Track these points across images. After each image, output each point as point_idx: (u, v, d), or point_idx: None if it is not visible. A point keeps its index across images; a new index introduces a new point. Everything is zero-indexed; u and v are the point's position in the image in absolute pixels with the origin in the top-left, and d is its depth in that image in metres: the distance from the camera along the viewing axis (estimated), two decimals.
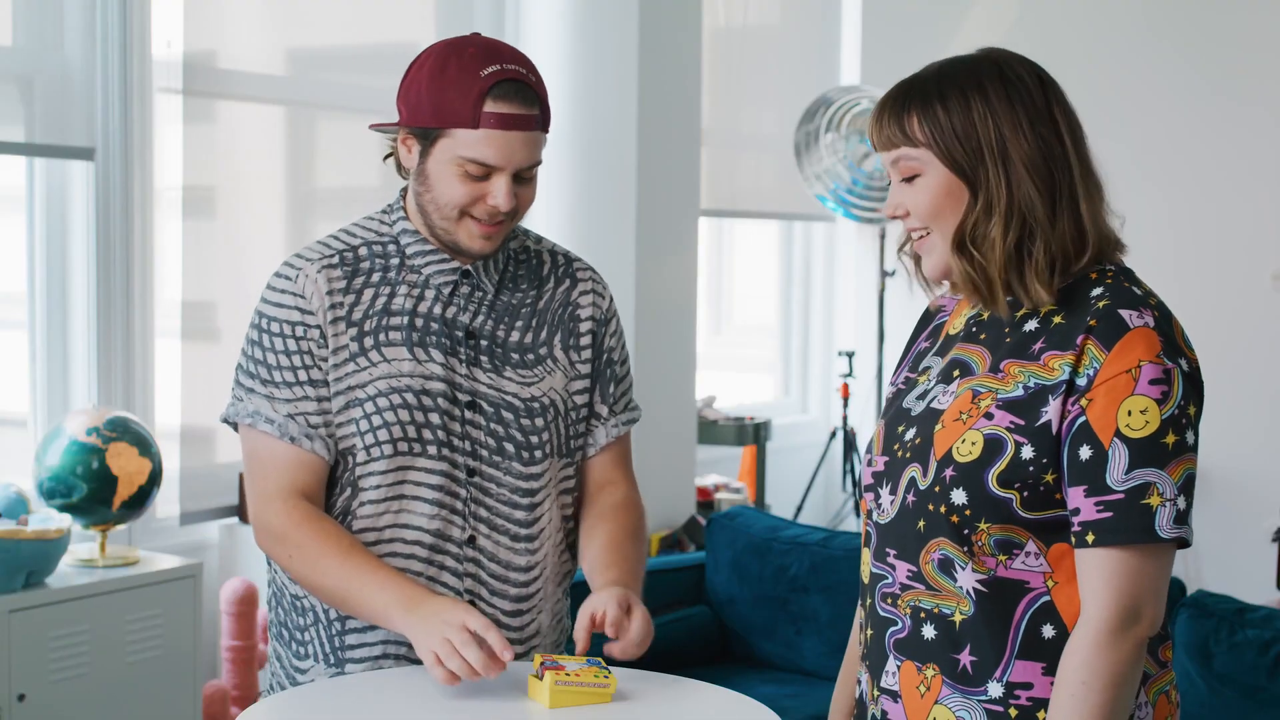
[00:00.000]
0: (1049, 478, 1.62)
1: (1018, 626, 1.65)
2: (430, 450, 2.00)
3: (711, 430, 5.15)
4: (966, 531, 1.64)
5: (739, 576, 4.02)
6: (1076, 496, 1.61)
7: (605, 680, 1.84)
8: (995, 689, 1.66)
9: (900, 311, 1.58)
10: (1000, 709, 1.66)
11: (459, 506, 2.02)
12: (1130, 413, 1.59)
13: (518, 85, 1.96)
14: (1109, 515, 1.59)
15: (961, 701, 1.68)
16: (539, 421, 2.06)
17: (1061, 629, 1.64)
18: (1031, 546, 1.64)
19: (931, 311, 1.90)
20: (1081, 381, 1.61)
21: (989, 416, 1.66)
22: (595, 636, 1.95)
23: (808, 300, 6.17)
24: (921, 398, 1.76)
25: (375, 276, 2.04)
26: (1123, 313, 1.62)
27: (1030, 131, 1.65)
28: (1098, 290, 1.66)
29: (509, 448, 2.04)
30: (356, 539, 1.98)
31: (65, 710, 3.05)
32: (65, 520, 3.08)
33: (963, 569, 1.66)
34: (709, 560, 4.11)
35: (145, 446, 3.23)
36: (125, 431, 3.21)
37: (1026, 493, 1.62)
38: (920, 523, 1.69)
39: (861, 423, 5.81)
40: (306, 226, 4.05)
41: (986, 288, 1.68)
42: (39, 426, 3.52)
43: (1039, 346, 1.66)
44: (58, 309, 3.54)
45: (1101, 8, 5.44)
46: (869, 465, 1.80)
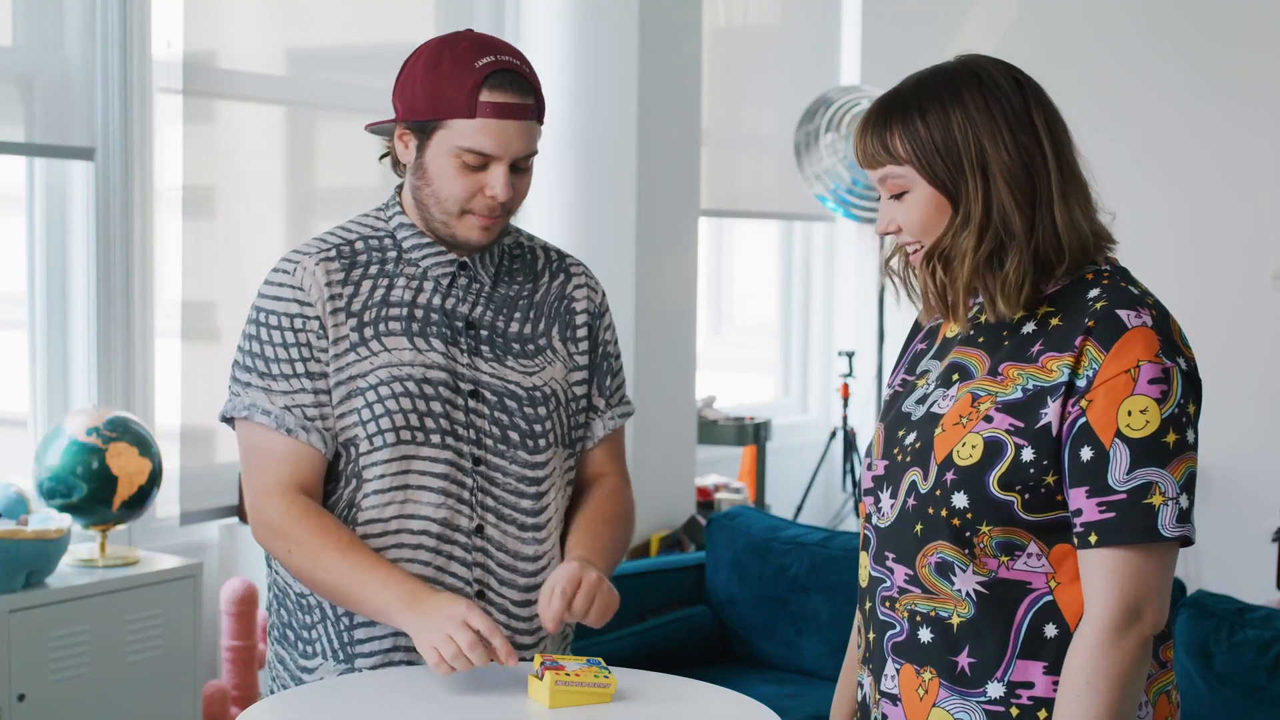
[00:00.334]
0: (1050, 479, 1.62)
1: (1019, 626, 1.65)
2: (434, 439, 2.00)
3: (711, 430, 5.15)
4: (968, 534, 1.64)
5: (739, 576, 4.02)
6: (1078, 497, 1.61)
7: (605, 680, 1.84)
8: (995, 689, 1.66)
9: (900, 311, 1.58)
10: (1001, 709, 1.66)
11: (466, 495, 2.02)
12: (1130, 413, 1.59)
13: (512, 75, 1.98)
14: (1112, 515, 1.59)
15: (960, 703, 1.67)
16: (542, 410, 2.07)
17: (1064, 628, 1.64)
18: (1033, 548, 1.64)
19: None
20: (1081, 383, 1.61)
21: (988, 419, 1.66)
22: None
23: (808, 300, 6.17)
24: (921, 402, 1.77)
25: (373, 269, 2.04)
26: (1120, 313, 1.62)
27: (1011, 141, 1.65)
28: (1094, 291, 1.66)
29: (514, 436, 2.05)
30: (356, 535, 1.98)
31: (65, 710, 3.05)
32: (65, 520, 3.08)
33: (962, 571, 1.66)
34: (709, 560, 4.11)
35: (145, 446, 3.23)
36: (125, 431, 3.20)
37: (1027, 495, 1.62)
38: (918, 526, 1.69)
39: (861, 423, 5.81)
40: (306, 226, 4.05)
41: (950, 303, 1.69)
42: (39, 426, 3.52)
43: (1037, 349, 1.67)
44: (58, 309, 3.54)
45: (1101, 8, 5.44)
46: (869, 469, 1.80)
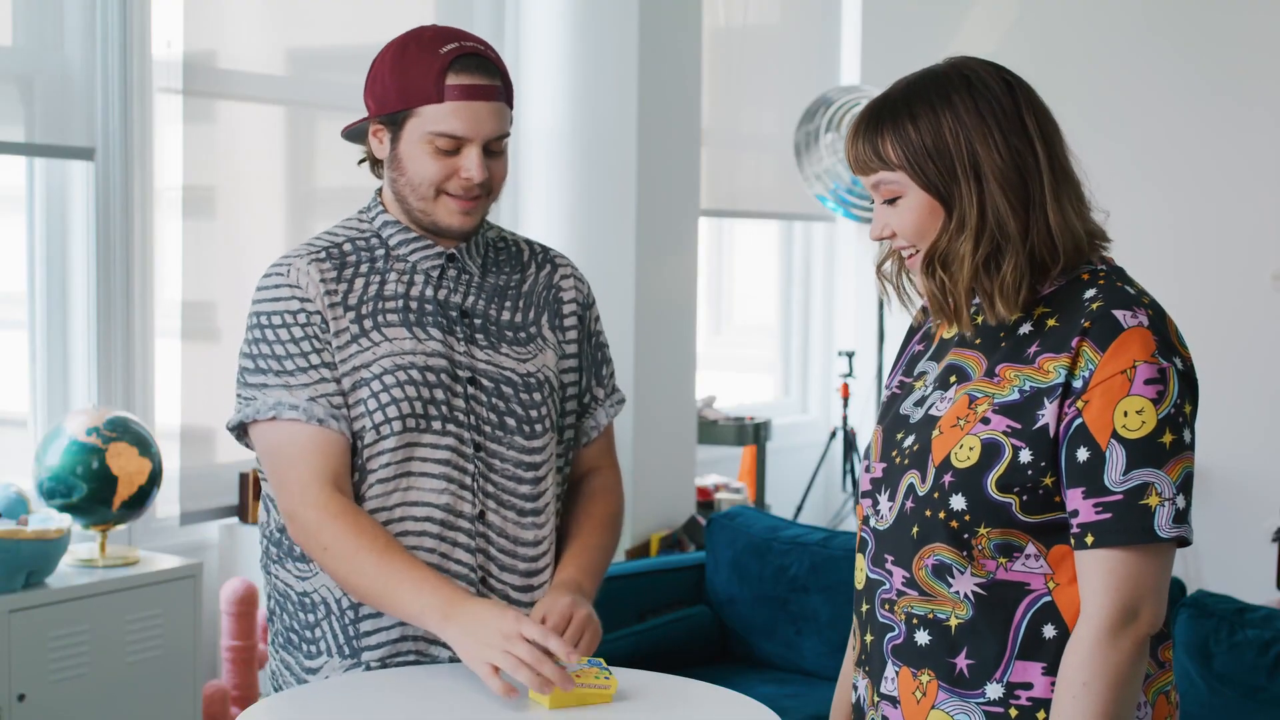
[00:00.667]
0: (1047, 481, 1.62)
1: (1018, 627, 1.65)
2: (435, 426, 2.01)
3: (711, 430, 5.15)
4: (966, 536, 1.64)
5: (739, 576, 4.02)
6: (1075, 498, 1.61)
7: (606, 681, 1.84)
8: (994, 690, 1.66)
9: (900, 312, 1.58)
10: (1000, 710, 1.66)
11: (467, 481, 2.03)
12: (1127, 413, 1.59)
13: (477, 59, 2.00)
14: (1108, 516, 1.59)
15: (959, 705, 1.67)
16: (537, 396, 2.08)
17: (1062, 628, 1.64)
18: (1031, 549, 1.64)
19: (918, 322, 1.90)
20: (1077, 384, 1.61)
21: (986, 421, 1.65)
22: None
23: (808, 300, 6.17)
24: (919, 404, 1.76)
25: (364, 267, 2.06)
26: (1117, 313, 1.62)
27: (1002, 142, 1.64)
28: (1091, 292, 1.66)
29: (510, 422, 2.06)
30: (393, 537, 1.97)
31: (65, 710, 3.05)
32: (65, 520, 3.08)
33: (960, 573, 1.66)
34: (709, 560, 4.11)
35: (145, 446, 3.23)
36: (125, 431, 3.21)
37: (1025, 496, 1.62)
38: (915, 529, 1.69)
39: (861, 423, 5.81)
40: (306, 226, 4.05)
41: (952, 307, 1.69)
42: (39, 426, 3.52)
43: (1034, 350, 1.66)
44: (58, 309, 3.54)
45: (1101, 8, 5.44)
46: (867, 471, 1.80)
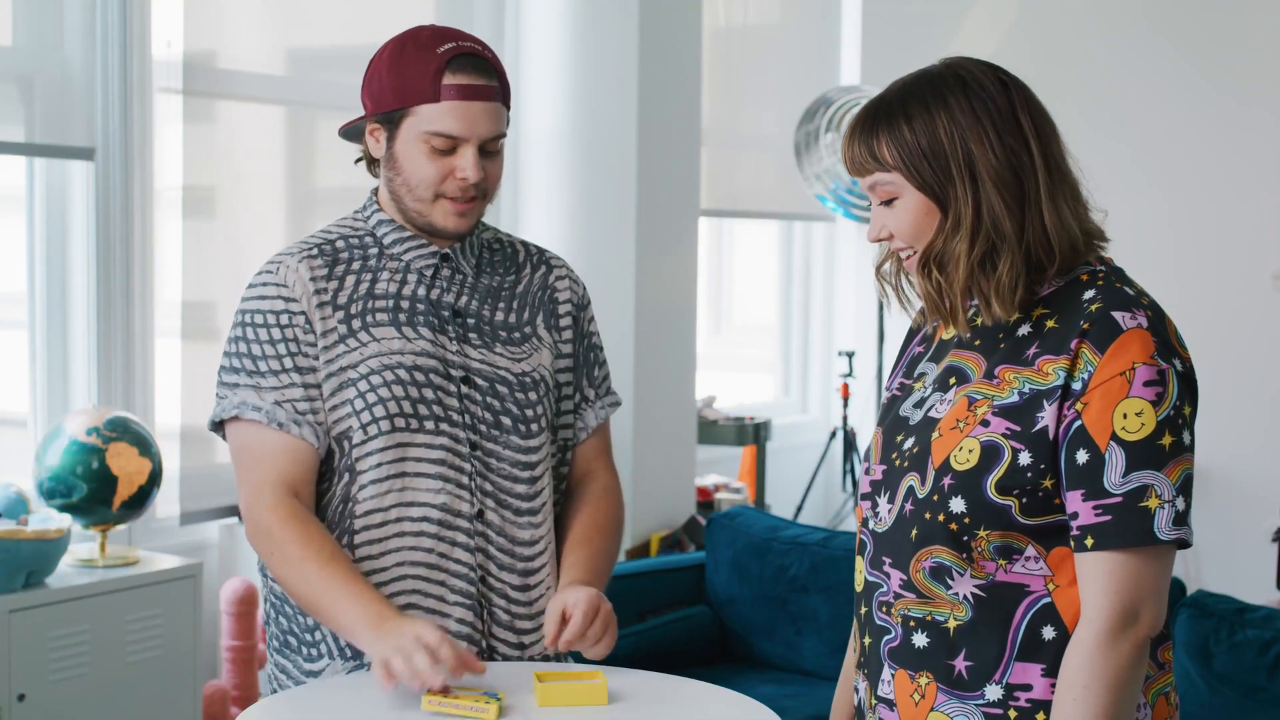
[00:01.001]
0: (1047, 483, 1.62)
1: (1017, 628, 1.65)
2: (428, 425, 2.01)
3: (711, 430, 5.15)
4: (966, 539, 1.64)
5: (739, 576, 4.02)
6: (1075, 501, 1.61)
7: (486, 706, 1.76)
8: (993, 692, 1.66)
9: (900, 313, 1.57)
10: (999, 711, 1.66)
11: (465, 481, 2.03)
12: (1126, 415, 1.58)
13: (474, 59, 2.00)
14: (1108, 519, 1.58)
15: (958, 706, 1.67)
16: (533, 395, 2.08)
17: (1062, 630, 1.64)
18: (1031, 551, 1.64)
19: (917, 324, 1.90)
20: (1076, 386, 1.61)
21: (985, 424, 1.65)
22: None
23: (808, 300, 6.17)
24: (918, 405, 1.76)
25: (356, 265, 2.06)
26: (1116, 315, 1.62)
27: (997, 142, 1.64)
28: (1090, 293, 1.65)
29: (506, 421, 2.06)
30: (340, 549, 1.97)
31: (65, 710, 3.05)
32: (65, 520, 3.08)
33: (960, 576, 1.66)
34: (709, 560, 4.11)
35: (145, 446, 3.23)
36: (125, 431, 3.21)
37: (1025, 499, 1.62)
38: (913, 531, 1.68)
39: (861, 423, 5.81)
40: (306, 226, 4.05)
41: (948, 308, 1.69)
42: (39, 426, 3.52)
43: (1033, 351, 1.66)
44: (58, 309, 3.54)
45: (1101, 8, 5.44)
46: (867, 474, 1.80)
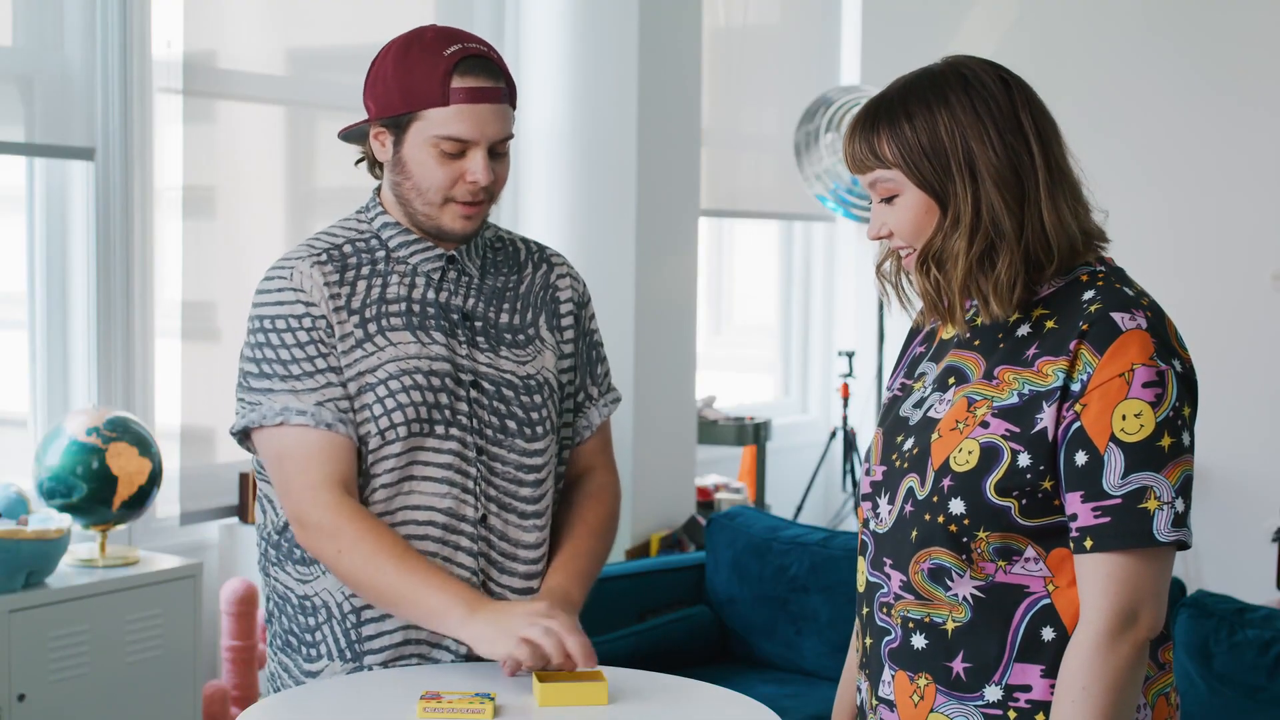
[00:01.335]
0: (1046, 484, 1.62)
1: (1016, 629, 1.65)
2: (439, 430, 2.01)
3: (711, 430, 5.15)
4: (965, 540, 1.64)
5: (739, 576, 4.02)
6: (1074, 502, 1.60)
7: (481, 706, 1.78)
8: (993, 693, 1.66)
9: (900, 313, 1.57)
10: (999, 712, 1.65)
11: (470, 485, 2.03)
12: (1125, 417, 1.58)
13: (481, 60, 1.99)
14: (1107, 520, 1.58)
15: (958, 707, 1.67)
16: (537, 399, 2.09)
17: (1061, 631, 1.63)
18: (1031, 552, 1.64)
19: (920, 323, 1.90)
20: (1075, 387, 1.61)
21: (985, 425, 1.65)
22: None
23: (808, 300, 6.17)
24: (918, 406, 1.76)
25: (365, 269, 2.05)
26: (1115, 315, 1.61)
27: (998, 141, 1.64)
28: (1089, 293, 1.65)
29: (511, 425, 2.06)
30: (404, 539, 1.97)
31: (65, 710, 3.05)
32: (65, 520, 3.09)
33: (959, 577, 1.65)
34: (709, 560, 4.11)
35: (145, 446, 3.24)
36: (125, 431, 3.21)
37: (1025, 500, 1.62)
38: (913, 532, 1.68)
39: (861, 423, 5.81)
40: (306, 226, 4.05)
41: (946, 306, 1.69)
42: (39, 426, 3.52)
43: (1033, 352, 1.66)
44: (58, 309, 3.54)
45: (1101, 7, 5.44)
46: (867, 475, 1.80)
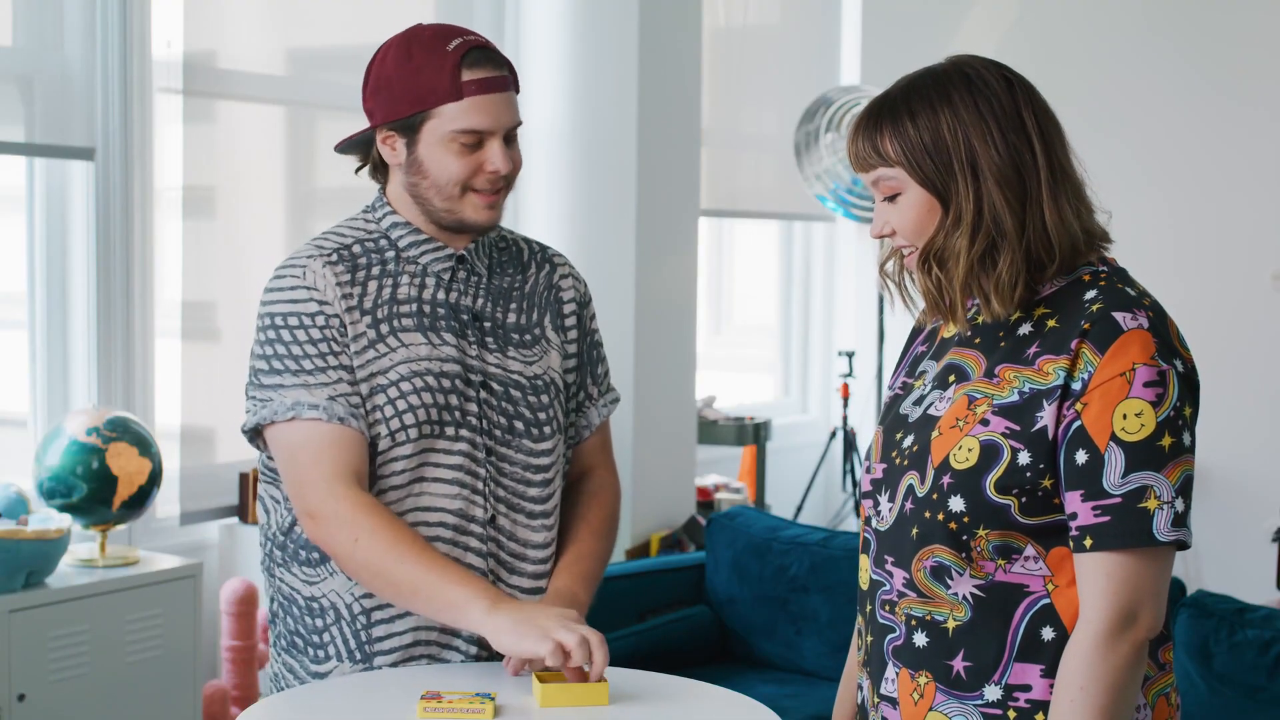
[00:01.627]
0: (1046, 483, 1.62)
1: (1016, 629, 1.65)
2: (449, 431, 2.01)
3: (711, 430, 5.15)
4: (965, 538, 1.64)
5: (739, 576, 4.02)
6: (1074, 501, 1.60)
7: (480, 706, 1.78)
8: (992, 692, 1.66)
9: (902, 312, 1.57)
10: (999, 712, 1.66)
11: (479, 486, 2.03)
12: (1125, 416, 1.58)
13: (485, 51, 2.01)
14: (1107, 519, 1.58)
15: (957, 707, 1.67)
16: (544, 398, 2.09)
17: (1061, 631, 1.63)
18: (1030, 551, 1.64)
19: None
20: (1076, 386, 1.61)
21: (985, 423, 1.65)
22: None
23: (808, 300, 6.17)
24: (918, 403, 1.76)
25: (375, 270, 2.05)
26: (1117, 315, 1.62)
27: (1000, 140, 1.64)
28: (1091, 293, 1.65)
29: (519, 426, 2.07)
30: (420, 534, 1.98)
31: (65, 710, 3.05)
32: (65, 520, 3.09)
33: (959, 575, 1.66)
34: (709, 560, 4.11)
35: (145, 446, 3.24)
36: (125, 431, 3.21)
37: (1024, 498, 1.62)
38: (914, 530, 1.69)
39: (861, 423, 5.81)
40: (306, 226, 4.05)
41: (947, 304, 1.69)
42: (39, 426, 3.52)
43: (1033, 351, 1.66)
44: (58, 309, 3.54)
45: (1101, 7, 5.44)
46: (868, 472, 1.80)
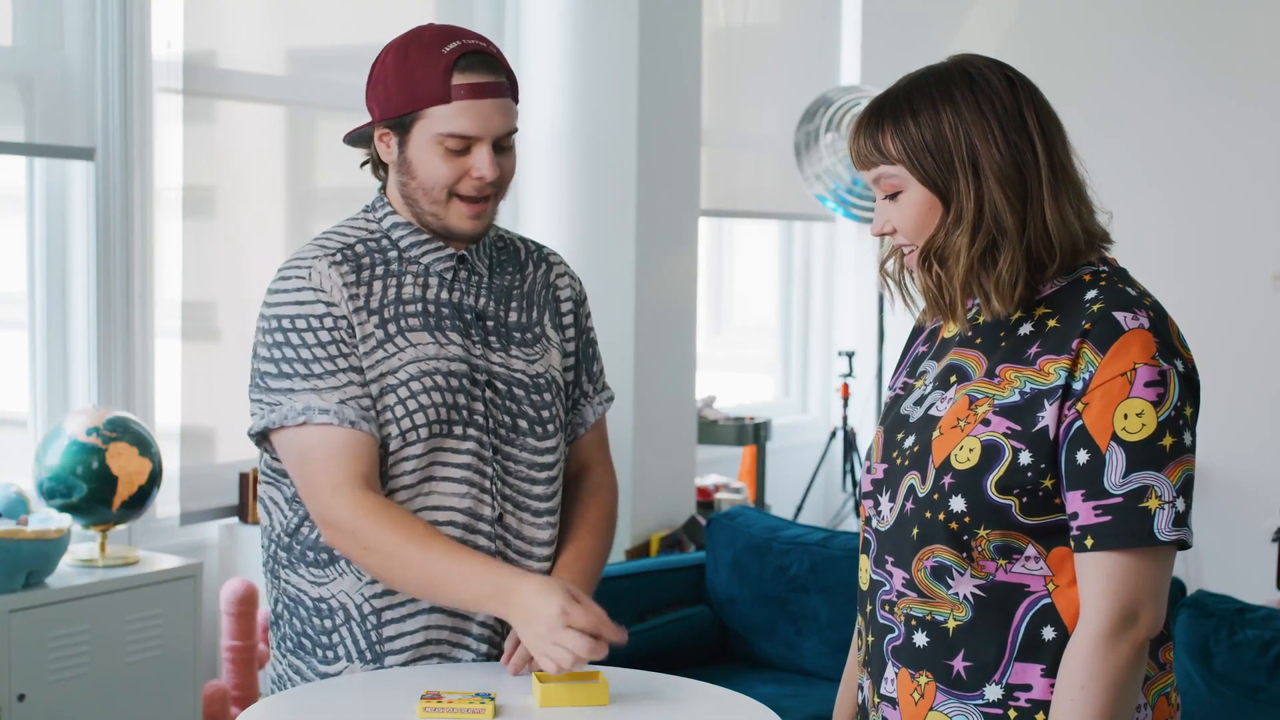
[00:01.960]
0: (1047, 483, 1.62)
1: (1017, 629, 1.65)
2: (457, 430, 2.02)
3: (711, 430, 5.15)
4: (966, 538, 1.64)
5: (739, 576, 4.02)
6: (1075, 501, 1.60)
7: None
8: (993, 692, 1.66)
9: (902, 311, 1.57)
10: (999, 711, 1.65)
11: (486, 485, 2.03)
12: (1126, 416, 1.58)
13: (481, 56, 1.99)
14: (1108, 519, 1.58)
15: (957, 706, 1.67)
16: (547, 396, 2.10)
17: (1062, 630, 1.63)
18: (1031, 551, 1.64)
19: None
20: (1077, 386, 1.61)
21: (986, 423, 1.65)
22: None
23: (808, 300, 6.17)
24: (919, 404, 1.76)
25: (379, 270, 2.04)
26: (1117, 315, 1.62)
27: (1002, 139, 1.64)
28: (1092, 293, 1.65)
29: (523, 424, 2.07)
30: (429, 525, 1.97)
31: (65, 710, 3.05)
32: (65, 520, 3.09)
33: (960, 575, 1.66)
34: (709, 560, 4.11)
35: (145, 446, 3.23)
36: (125, 431, 3.21)
37: (1025, 498, 1.62)
38: (915, 530, 1.69)
39: (861, 423, 5.81)
40: (306, 226, 4.05)
41: (947, 302, 1.69)
42: (39, 426, 3.52)
43: (1034, 351, 1.66)
44: (58, 309, 3.54)
45: (1101, 7, 5.44)
46: (868, 473, 1.80)
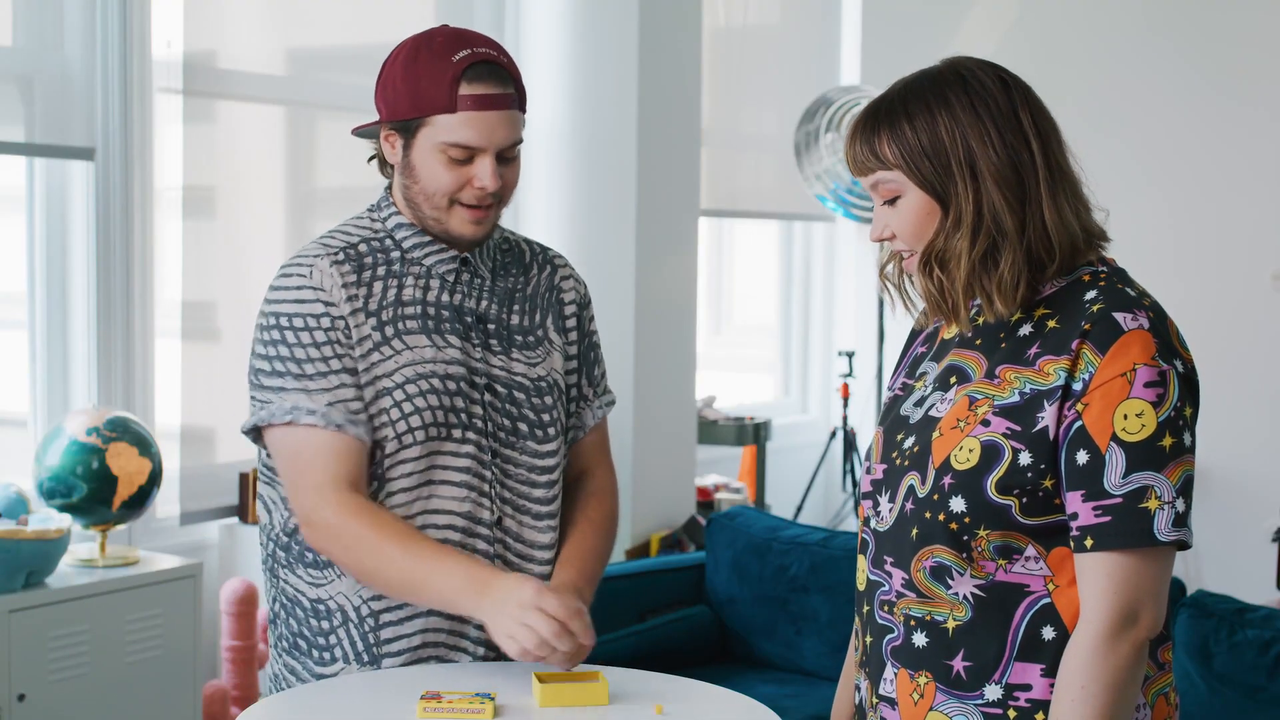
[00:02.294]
0: (1047, 483, 1.62)
1: (1017, 629, 1.65)
2: (455, 434, 2.02)
3: (711, 430, 5.15)
4: (966, 538, 1.64)
5: (739, 576, 4.02)
6: (1075, 501, 1.61)
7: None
8: (993, 692, 1.66)
9: (902, 314, 1.58)
10: (999, 711, 1.66)
11: (485, 489, 2.03)
12: (1126, 416, 1.58)
13: (490, 66, 1.99)
14: (1107, 520, 1.58)
15: (957, 706, 1.68)
16: (548, 400, 2.09)
17: (1062, 630, 1.64)
18: (1031, 551, 1.64)
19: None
20: (1077, 386, 1.61)
21: (986, 423, 1.65)
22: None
23: (808, 300, 6.17)
24: (919, 404, 1.76)
25: (380, 270, 2.04)
26: (1117, 315, 1.62)
27: (998, 140, 1.64)
28: (1091, 293, 1.65)
29: (523, 428, 2.07)
30: (411, 524, 1.98)
31: (65, 710, 3.05)
32: (65, 520, 3.09)
33: (960, 575, 1.66)
34: (709, 560, 4.11)
35: (145, 446, 3.24)
36: (125, 431, 3.21)
37: (1025, 499, 1.62)
38: (915, 530, 1.69)
39: (861, 423, 5.81)
40: (306, 226, 4.05)
41: (949, 306, 1.69)
42: (39, 426, 3.52)
43: (1034, 351, 1.66)
44: (58, 309, 3.54)
45: (1101, 7, 5.44)
46: (868, 473, 1.80)
